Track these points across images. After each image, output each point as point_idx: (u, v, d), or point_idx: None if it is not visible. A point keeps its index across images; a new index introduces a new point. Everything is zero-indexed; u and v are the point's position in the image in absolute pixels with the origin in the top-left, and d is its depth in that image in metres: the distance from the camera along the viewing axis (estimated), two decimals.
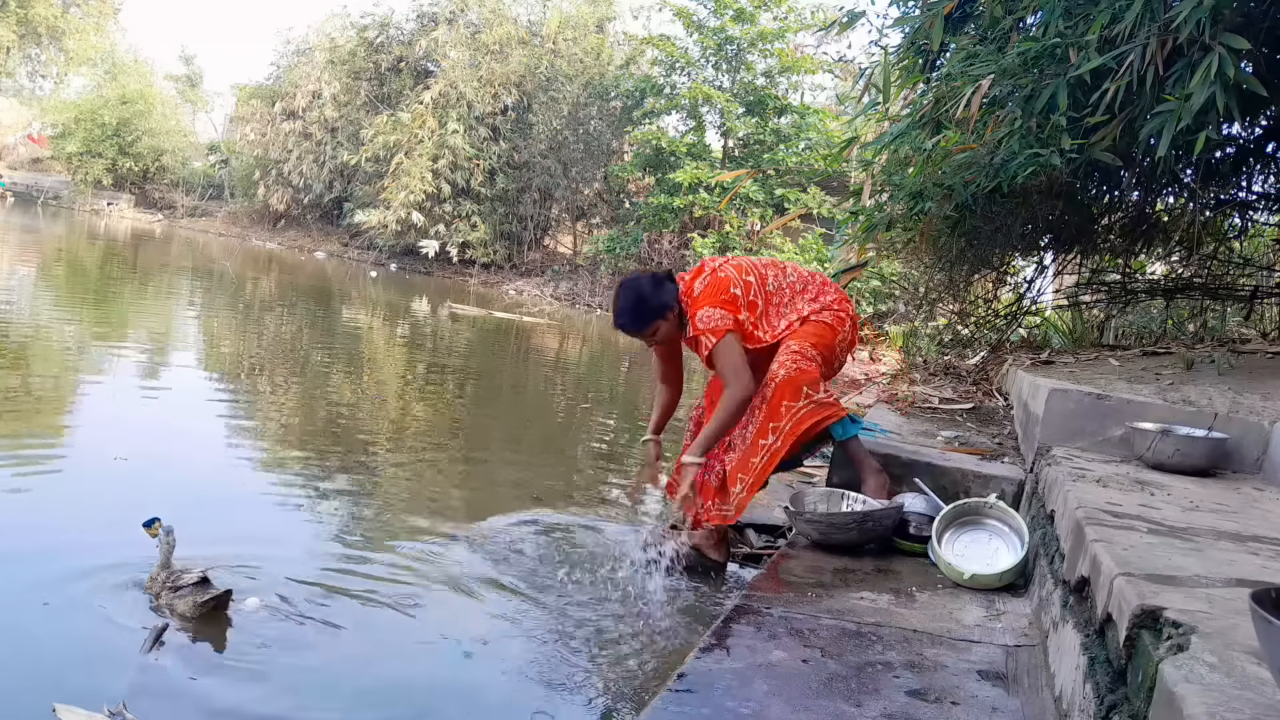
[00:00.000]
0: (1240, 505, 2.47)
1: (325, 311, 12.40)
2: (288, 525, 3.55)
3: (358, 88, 23.03)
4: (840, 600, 2.60)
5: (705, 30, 18.51)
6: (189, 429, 4.97)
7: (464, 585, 3.05)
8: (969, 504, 3.05)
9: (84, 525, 3.20)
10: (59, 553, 2.90)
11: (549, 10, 22.19)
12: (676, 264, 17.48)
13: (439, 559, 3.28)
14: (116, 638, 2.44)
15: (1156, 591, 1.51)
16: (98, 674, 2.24)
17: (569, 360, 11.21)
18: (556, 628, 2.79)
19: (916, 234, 5.28)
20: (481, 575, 3.16)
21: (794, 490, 3.43)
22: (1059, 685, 1.91)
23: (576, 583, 3.16)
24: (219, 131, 34.44)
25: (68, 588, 2.67)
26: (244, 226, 26.11)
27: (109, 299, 10.69)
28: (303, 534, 3.44)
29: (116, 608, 2.60)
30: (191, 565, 2.67)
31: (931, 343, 7.56)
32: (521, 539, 3.60)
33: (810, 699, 1.92)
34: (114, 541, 2.96)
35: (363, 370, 7.92)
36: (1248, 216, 5.56)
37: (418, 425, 5.93)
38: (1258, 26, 3.27)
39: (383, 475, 4.43)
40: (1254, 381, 3.50)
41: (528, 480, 4.62)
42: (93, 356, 6.66)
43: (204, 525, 3.27)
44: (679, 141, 18.54)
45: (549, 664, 2.56)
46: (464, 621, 2.79)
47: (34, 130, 32.82)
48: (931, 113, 4.45)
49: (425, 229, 20.37)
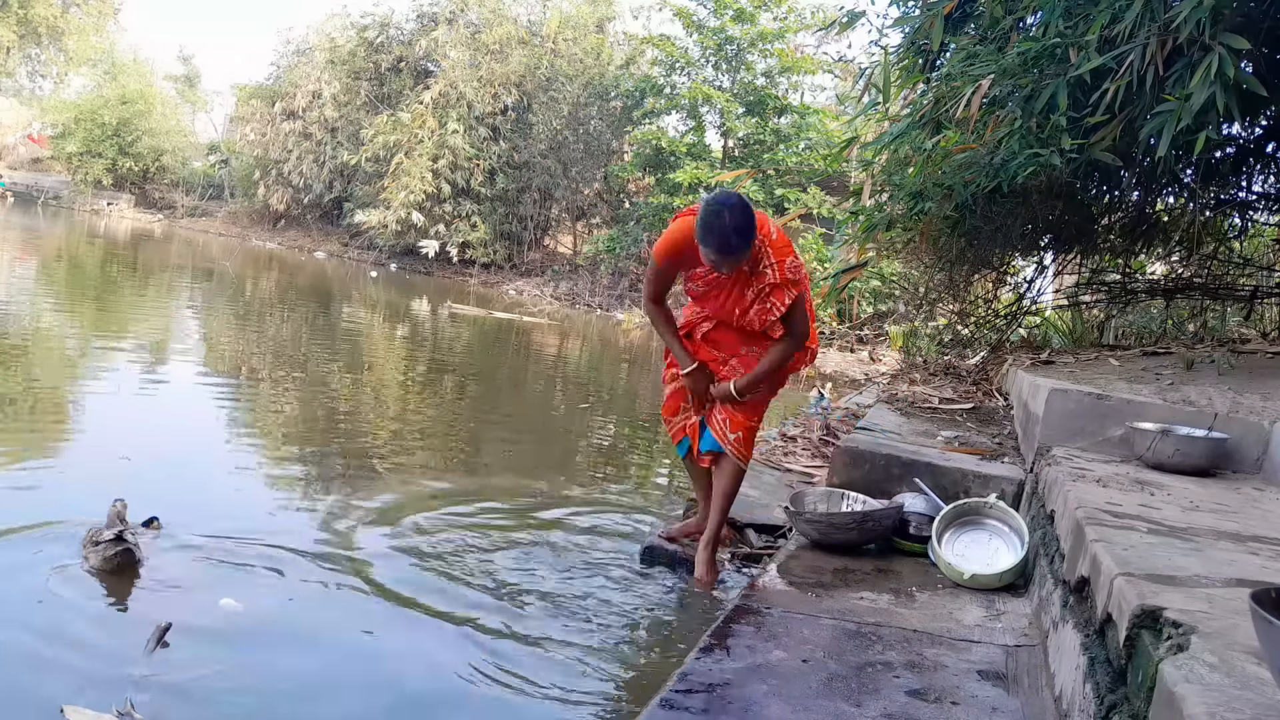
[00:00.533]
0: (1240, 505, 2.48)
1: (325, 312, 12.40)
2: (287, 524, 3.54)
3: (358, 88, 23.02)
4: (840, 600, 2.60)
5: (705, 30, 18.51)
6: (188, 429, 4.97)
7: (465, 586, 3.05)
8: (969, 504, 3.05)
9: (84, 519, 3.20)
10: (56, 552, 2.90)
11: (549, 10, 22.19)
12: None
13: (439, 559, 3.28)
14: (117, 635, 2.44)
15: (1156, 591, 1.51)
16: (101, 672, 2.24)
17: (569, 360, 11.21)
18: (556, 627, 2.79)
19: (916, 234, 5.29)
20: (482, 576, 3.16)
21: (794, 490, 3.43)
22: (1059, 685, 1.91)
23: (576, 582, 3.16)
24: (219, 131, 34.45)
25: (65, 586, 2.67)
26: (244, 226, 26.10)
27: (109, 299, 10.69)
28: (302, 528, 3.44)
29: (116, 606, 2.60)
30: (136, 533, 2.92)
31: (931, 343, 7.57)
32: (522, 539, 3.60)
33: (810, 699, 1.92)
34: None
35: (362, 370, 7.92)
36: (1248, 216, 5.57)
37: (417, 425, 5.92)
38: (1258, 26, 3.28)
39: (382, 475, 4.43)
40: (1254, 381, 3.51)
41: (528, 481, 4.62)
42: (92, 356, 6.66)
43: (199, 523, 3.28)
44: (679, 141, 18.54)
45: (549, 664, 2.56)
46: (462, 622, 2.79)
47: (34, 130, 32.81)
48: (931, 113, 4.46)
49: (425, 229, 20.37)
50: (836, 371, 12.02)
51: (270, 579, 2.92)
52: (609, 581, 3.22)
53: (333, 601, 2.83)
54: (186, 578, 2.86)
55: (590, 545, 3.60)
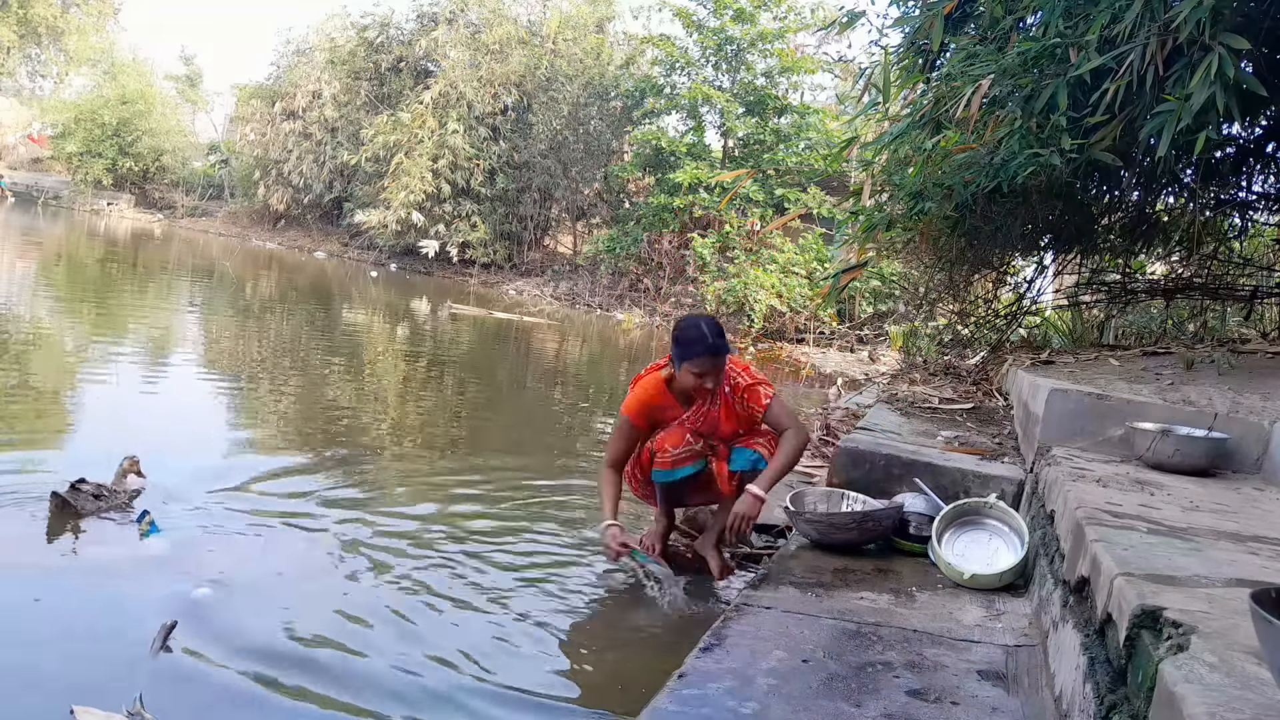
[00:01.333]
0: (1240, 505, 2.48)
1: (326, 312, 12.40)
2: (287, 515, 3.54)
3: (358, 88, 23.03)
4: (840, 600, 2.60)
5: (705, 30, 18.50)
6: (186, 429, 4.97)
7: (466, 586, 3.05)
8: (969, 504, 3.05)
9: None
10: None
11: (549, 10, 22.19)
12: (676, 264, 17.49)
13: (437, 558, 3.28)
14: (121, 635, 2.45)
15: (1156, 591, 1.51)
16: (107, 672, 2.24)
17: (569, 359, 11.21)
18: (555, 627, 2.79)
19: (916, 234, 5.29)
20: (482, 575, 3.16)
21: (794, 490, 3.43)
22: (1059, 685, 1.91)
23: (574, 580, 3.16)
24: (219, 131, 34.45)
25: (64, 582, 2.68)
26: (244, 226, 26.11)
27: (109, 298, 10.69)
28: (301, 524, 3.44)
29: (115, 602, 2.60)
30: (115, 492, 3.32)
31: (931, 343, 7.57)
32: (522, 539, 3.60)
33: (810, 699, 1.92)
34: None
35: (363, 370, 7.92)
36: (1248, 216, 5.56)
37: (417, 425, 5.93)
38: (1258, 26, 3.27)
39: (382, 474, 4.43)
40: (1254, 381, 3.50)
41: (526, 479, 4.62)
42: (92, 355, 6.67)
43: (195, 517, 3.28)
44: (679, 141, 18.54)
45: (547, 663, 2.56)
46: (463, 620, 2.79)
47: (34, 130, 32.81)
48: (931, 113, 4.45)
49: (425, 229, 20.38)
50: (836, 371, 12.02)
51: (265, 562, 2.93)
52: (609, 581, 3.22)
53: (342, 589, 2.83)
54: (178, 559, 2.87)
55: (589, 546, 3.60)
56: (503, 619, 2.82)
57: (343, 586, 2.95)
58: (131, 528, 3.13)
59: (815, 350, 14.30)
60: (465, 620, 2.80)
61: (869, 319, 15.47)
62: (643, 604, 3.05)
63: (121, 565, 2.87)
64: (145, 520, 3.19)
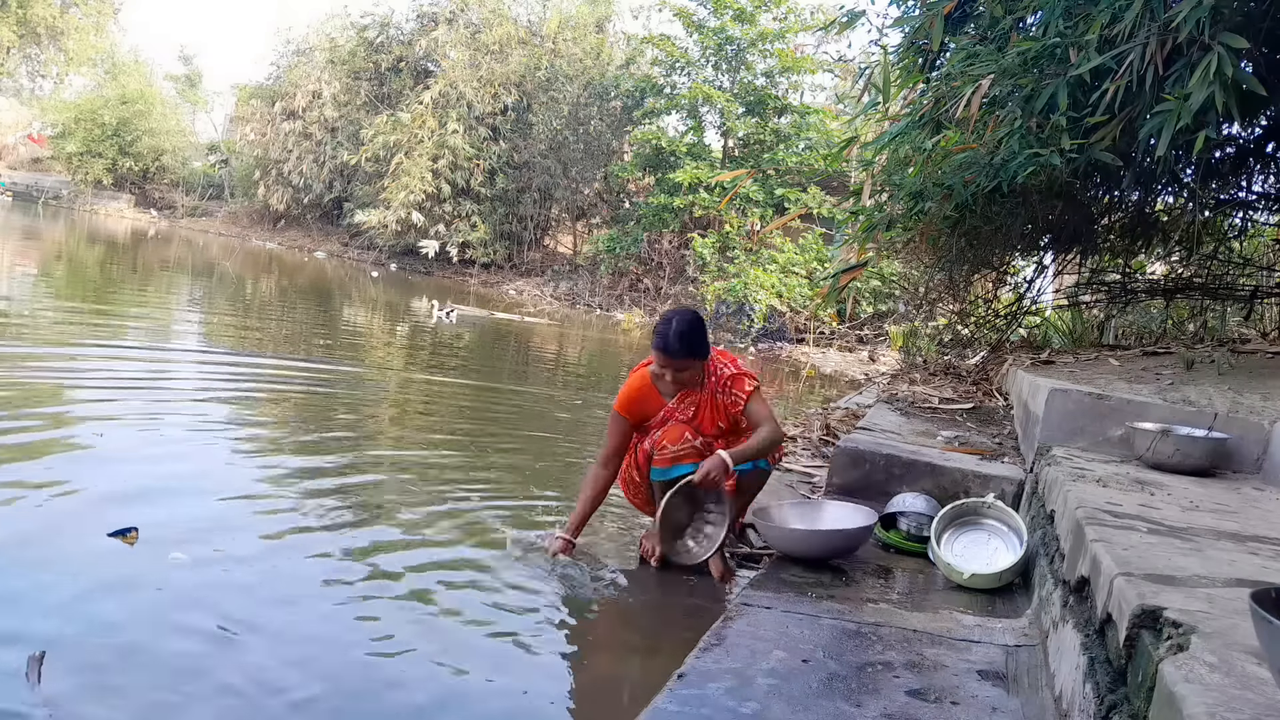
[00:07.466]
0: (1240, 505, 2.47)
1: (326, 311, 12.40)
2: (284, 519, 3.54)
3: (358, 88, 23.04)
4: (840, 600, 2.60)
5: (705, 30, 18.51)
6: (185, 428, 4.97)
7: (464, 588, 3.05)
8: (968, 504, 3.05)
9: (82, 523, 3.20)
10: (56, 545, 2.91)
11: (549, 10, 22.20)
12: (676, 264, 17.50)
13: (435, 559, 3.28)
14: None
15: (1156, 591, 1.51)
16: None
17: (569, 359, 11.21)
18: (555, 626, 2.79)
19: (916, 234, 5.29)
20: (482, 575, 3.15)
21: (794, 489, 3.43)
22: (1059, 685, 1.91)
23: (574, 581, 3.16)
24: (219, 131, 34.46)
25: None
26: (244, 226, 26.11)
27: (109, 298, 10.69)
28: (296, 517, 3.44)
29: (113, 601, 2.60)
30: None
31: (931, 343, 7.58)
32: (521, 539, 3.59)
33: (810, 699, 1.92)
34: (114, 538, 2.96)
35: (362, 370, 7.92)
36: (1248, 216, 5.57)
37: (417, 425, 5.92)
38: (1258, 26, 3.27)
39: (380, 474, 4.42)
40: (1254, 381, 3.50)
41: (526, 478, 4.62)
42: (92, 354, 6.66)
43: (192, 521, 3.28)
44: (679, 141, 18.54)
45: (547, 663, 2.56)
46: (463, 621, 2.79)
47: (34, 130, 32.81)
48: (931, 113, 4.45)
49: (425, 229, 20.38)
50: (836, 371, 12.02)
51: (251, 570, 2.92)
52: (609, 580, 3.22)
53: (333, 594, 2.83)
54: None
55: (588, 546, 3.59)
56: (502, 619, 2.82)
57: (342, 591, 2.95)
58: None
59: (815, 350, 14.30)
60: (465, 620, 2.79)
61: (869, 319, 15.47)
62: (643, 604, 3.05)
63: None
64: (132, 534, 3.07)
